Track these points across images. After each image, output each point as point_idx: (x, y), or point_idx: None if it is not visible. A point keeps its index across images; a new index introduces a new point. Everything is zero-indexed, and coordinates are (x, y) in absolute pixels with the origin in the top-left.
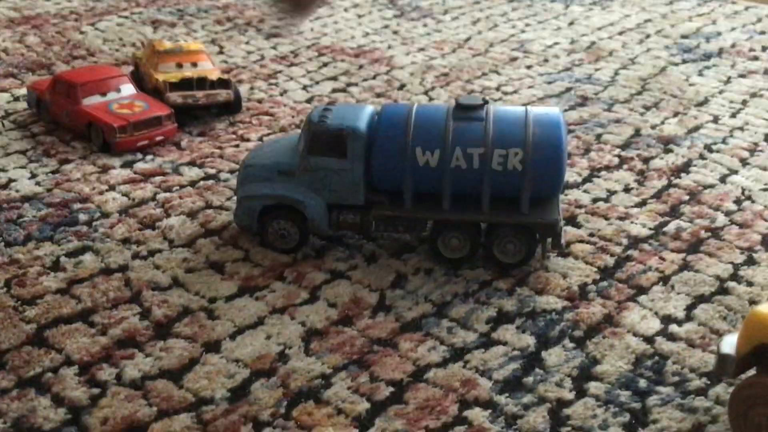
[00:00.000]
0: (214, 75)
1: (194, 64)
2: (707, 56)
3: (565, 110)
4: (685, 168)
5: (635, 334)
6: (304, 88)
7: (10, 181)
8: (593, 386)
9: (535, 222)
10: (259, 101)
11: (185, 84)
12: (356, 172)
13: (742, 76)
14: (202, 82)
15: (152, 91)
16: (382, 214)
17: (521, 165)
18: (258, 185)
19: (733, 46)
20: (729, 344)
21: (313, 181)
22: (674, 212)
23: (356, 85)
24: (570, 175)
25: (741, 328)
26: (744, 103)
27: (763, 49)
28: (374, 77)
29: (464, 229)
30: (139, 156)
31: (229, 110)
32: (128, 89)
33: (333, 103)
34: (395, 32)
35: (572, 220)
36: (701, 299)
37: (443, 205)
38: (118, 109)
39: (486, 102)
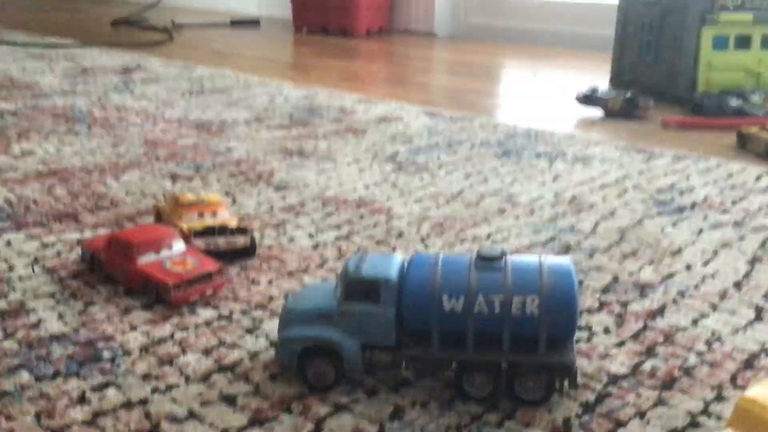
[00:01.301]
0: (233, 223)
1: (214, 214)
2: (681, 209)
3: None
4: (660, 312)
5: None
6: (310, 235)
7: (40, 321)
8: None
9: (551, 362)
10: (269, 248)
11: (207, 232)
12: (388, 316)
13: (713, 227)
14: (222, 230)
15: None
16: (412, 354)
17: (538, 310)
18: (298, 328)
19: (705, 199)
20: None
21: (349, 324)
22: (650, 352)
23: (358, 233)
24: None
25: None
26: (715, 252)
27: (733, 203)
28: (374, 226)
29: (487, 368)
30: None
31: (245, 255)
32: (179, 246)
33: (366, 252)
34: (394, 185)
35: None
36: None
37: (467, 346)
38: (172, 266)
39: (504, 253)
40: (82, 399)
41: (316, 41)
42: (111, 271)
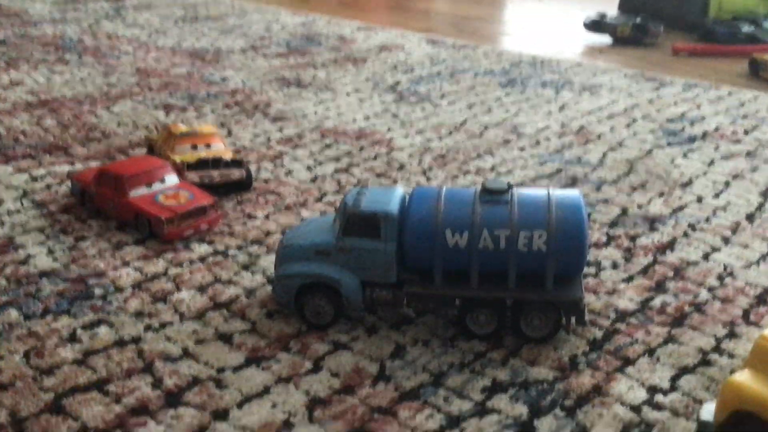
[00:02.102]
0: (227, 155)
1: (208, 146)
2: (692, 139)
3: None
4: (670, 246)
5: (623, 404)
6: (308, 168)
7: (29, 257)
8: None
9: (559, 299)
10: (266, 181)
11: (201, 164)
12: (389, 252)
13: (725, 158)
14: (216, 162)
15: None
16: (414, 292)
17: (545, 246)
18: (296, 264)
19: (716, 129)
20: (708, 412)
21: (348, 260)
22: (660, 288)
23: (358, 165)
24: None
25: (718, 397)
26: (727, 184)
27: (745, 132)
28: (375, 158)
29: (491, 306)
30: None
31: (241, 188)
32: (172, 179)
33: (365, 185)
34: (395, 116)
35: None
36: (685, 370)
37: (471, 283)
38: (165, 200)
39: (511, 186)
40: (72, 337)
41: None
42: (102, 205)
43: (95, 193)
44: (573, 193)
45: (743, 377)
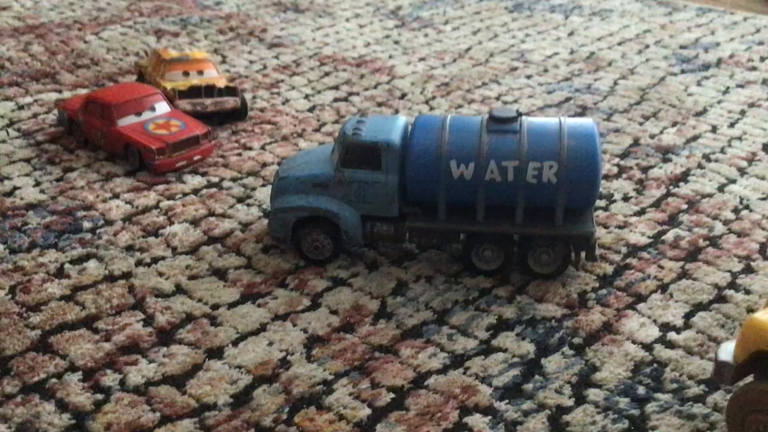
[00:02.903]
0: (221, 83)
1: (200, 73)
2: (706, 66)
3: None
4: (683, 177)
5: (634, 342)
6: (306, 97)
7: (15, 188)
8: (592, 393)
9: (569, 234)
10: (262, 110)
11: (193, 92)
12: (390, 184)
13: (740, 86)
14: (209, 90)
15: None
16: (416, 226)
17: (556, 177)
18: (292, 197)
19: (731, 56)
20: (726, 351)
21: (348, 193)
22: (673, 221)
23: (358, 94)
24: None
25: (738, 336)
26: (742, 113)
27: (762, 59)
28: (375, 87)
29: (498, 241)
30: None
31: (236, 117)
32: (163, 107)
33: (365, 114)
34: (396, 42)
35: None
36: (699, 307)
37: (477, 217)
38: (155, 129)
39: (520, 114)
40: (60, 272)
41: None
42: (90, 134)
43: (83, 121)
44: (586, 122)
45: (766, 316)
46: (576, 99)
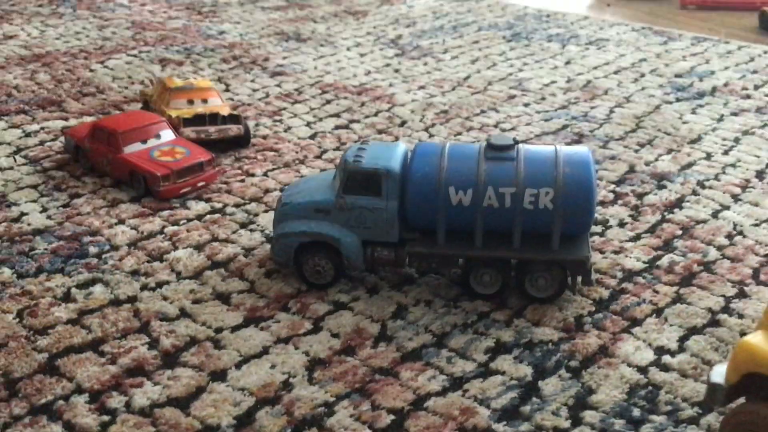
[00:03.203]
0: (225, 111)
1: (205, 101)
2: (700, 95)
3: None
4: (678, 203)
5: (629, 365)
6: (308, 124)
7: (22, 214)
8: (589, 415)
9: (565, 259)
10: (264, 137)
11: (198, 119)
12: (390, 210)
13: (734, 114)
14: (213, 118)
15: None
16: (416, 251)
17: (552, 204)
18: (294, 223)
19: (725, 84)
20: (719, 374)
21: (349, 218)
22: (668, 246)
23: (358, 121)
24: None
25: (729, 358)
26: (736, 140)
27: (755, 87)
28: (376, 114)
29: (495, 266)
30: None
31: (239, 144)
32: (168, 135)
33: (366, 141)
34: (396, 71)
35: None
36: (693, 331)
37: (475, 242)
38: (160, 156)
39: (517, 142)
40: (66, 297)
41: None
42: (95, 161)
43: (89, 149)
44: (581, 150)
45: (757, 339)
46: (573, 126)
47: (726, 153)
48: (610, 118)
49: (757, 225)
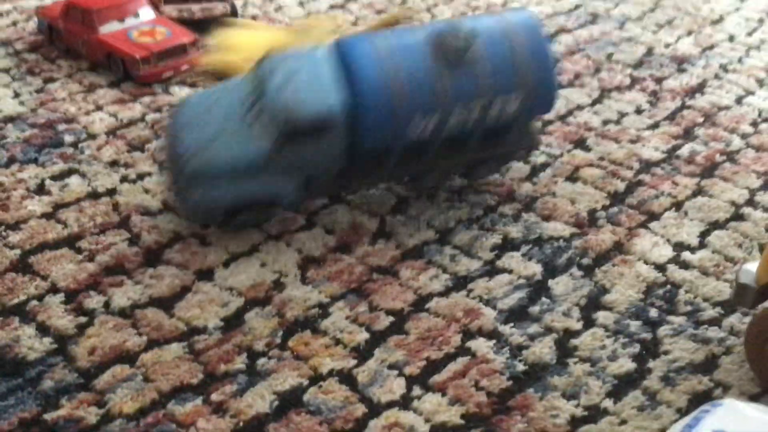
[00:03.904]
0: None
1: None
2: None
3: (575, 28)
4: (699, 89)
5: (646, 262)
6: (301, 3)
7: None
8: (602, 316)
9: (517, 149)
10: (253, 17)
11: None
12: (337, 150)
13: None
14: None
15: None
16: (366, 182)
17: (519, 105)
18: (217, 191)
19: None
20: (748, 273)
21: (287, 166)
22: (688, 135)
23: (355, 1)
24: (579, 97)
25: (762, 258)
26: (761, 21)
27: None
28: None
29: (447, 170)
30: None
31: (226, 25)
32: (147, 13)
33: (284, 59)
34: None
35: (581, 143)
36: (715, 225)
37: (428, 155)
38: (139, 36)
39: (471, 40)
40: (40, 189)
41: None
42: (70, 42)
43: (63, 29)
44: (528, 19)
45: None
46: (587, 5)
47: (750, 35)
48: None
49: None
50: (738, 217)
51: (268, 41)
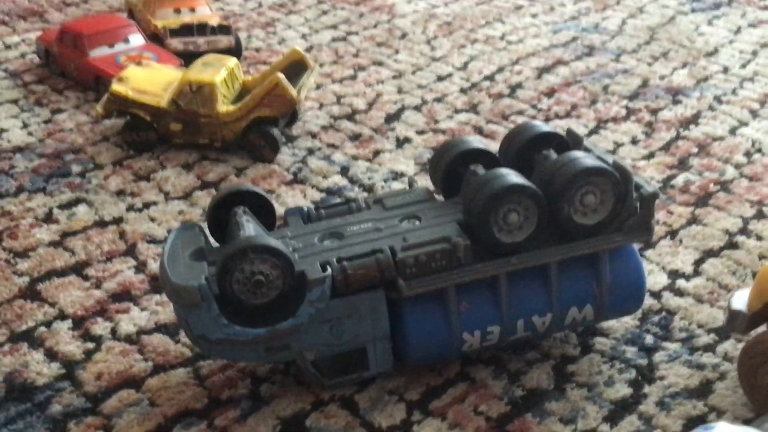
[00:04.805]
0: (214, 21)
1: (192, 10)
2: (717, 5)
3: (572, 60)
4: (694, 120)
5: None
6: (303, 36)
7: (2, 131)
8: (599, 342)
9: None
10: (257, 50)
11: (185, 30)
12: None
13: (752, 25)
14: (202, 28)
15: (150, 38)
16: None
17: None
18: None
19: None
20: (740, 300)
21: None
22: (683, 165)
23: (356, 34)
24: (576, 127)
25: (754, 284)
26: (754, 53)
27: None
28: (375, 26)
29: None
30: None
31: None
32: (137, 39)
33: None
34: None
35: None
36: (710, 254)
37: None
38: (126, 61)
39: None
40: (48, 217)
41: None
42: (64, 65)
43: (57, 53)
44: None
45: None
46: (583, 39)
47: (744, 66)
48: (623, 29)
49: None
50: (732, 245)
51: (164, 77)
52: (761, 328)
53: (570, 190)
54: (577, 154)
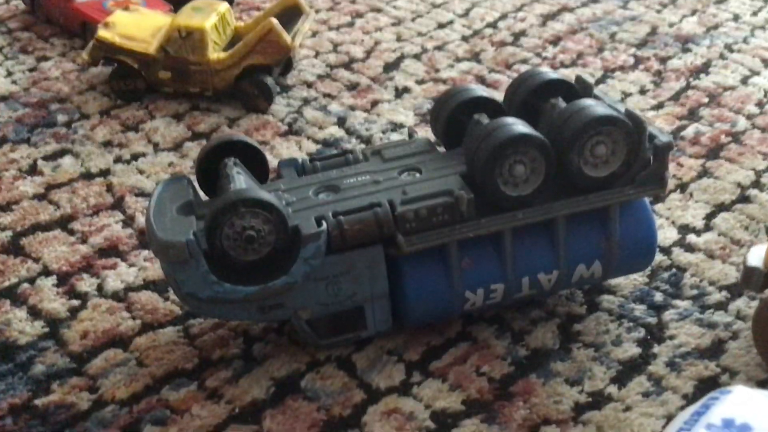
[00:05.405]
0: None
1: None
2: None
3: (578, 7)
4: (704, 69)
5: None
6: None
7: None
8: (606, 300)
9: None
10: None
11: None
12: None
13: None
14: None
15: None
16: None
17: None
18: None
19: None
20: (756, 256)
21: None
22: (693, 115)
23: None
24: (583, 76)
25: None
26: (766, 0)
27: None
28: None
29: None
30: None
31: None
32: None
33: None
34: None
35: None
36: (721, 208)
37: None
38: (113, 6)
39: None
40: (32, 169)
41: None
42: (49, 11)
43: None
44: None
45: None
46: None
47: (755, 14)
48: None
49: None
50: (744, 199)
51: (152, 23)
52: None
53: (580, 140)
54: (587, 102)
